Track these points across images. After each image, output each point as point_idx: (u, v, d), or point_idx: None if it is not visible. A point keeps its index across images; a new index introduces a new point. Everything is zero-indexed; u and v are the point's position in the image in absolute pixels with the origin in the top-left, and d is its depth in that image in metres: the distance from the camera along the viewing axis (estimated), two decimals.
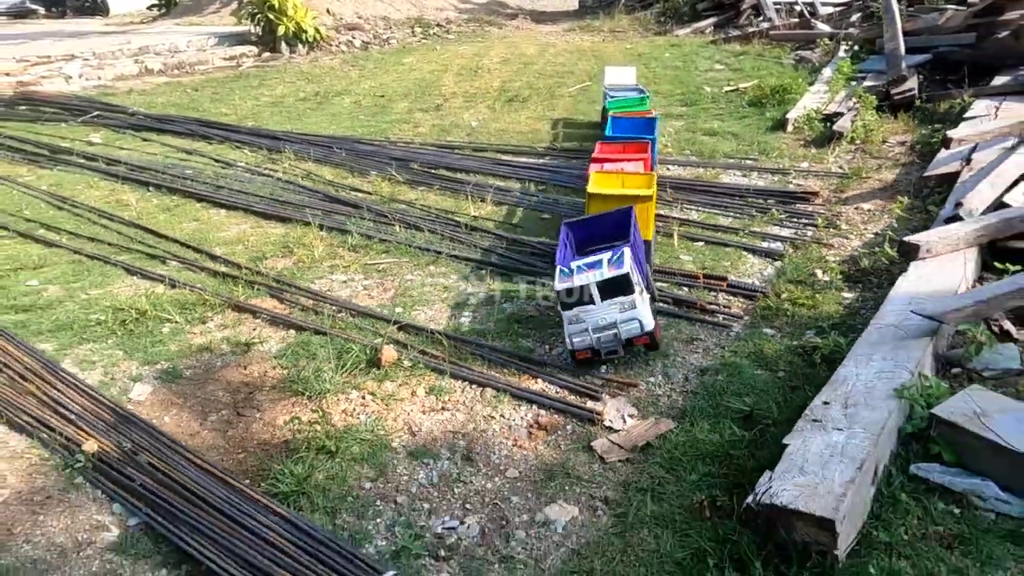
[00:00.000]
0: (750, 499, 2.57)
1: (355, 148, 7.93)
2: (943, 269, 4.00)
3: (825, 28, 11.86)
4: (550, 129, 8.57)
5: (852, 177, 6.25)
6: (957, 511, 2.66)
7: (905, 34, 8.99)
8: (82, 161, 8.01)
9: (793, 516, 2.44)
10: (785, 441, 2.79)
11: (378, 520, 3.02)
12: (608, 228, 4.34)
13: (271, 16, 13.91)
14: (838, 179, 6.29)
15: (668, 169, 6.73)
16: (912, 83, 8.12)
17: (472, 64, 12.67)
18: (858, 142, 7.14)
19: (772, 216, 5.55)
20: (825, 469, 2.59)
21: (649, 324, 3.80)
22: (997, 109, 6.80)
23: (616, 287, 3.77)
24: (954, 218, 4.55)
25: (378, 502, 3.10)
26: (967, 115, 6.84)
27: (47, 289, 5.16)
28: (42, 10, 21.41)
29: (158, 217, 6.34)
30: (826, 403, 2.99)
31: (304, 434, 3.47)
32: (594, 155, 5.44)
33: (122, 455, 3.38)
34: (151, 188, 7.04)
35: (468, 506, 3.09)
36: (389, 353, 4.01)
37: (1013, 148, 5.41)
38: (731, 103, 8.98)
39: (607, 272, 3.80)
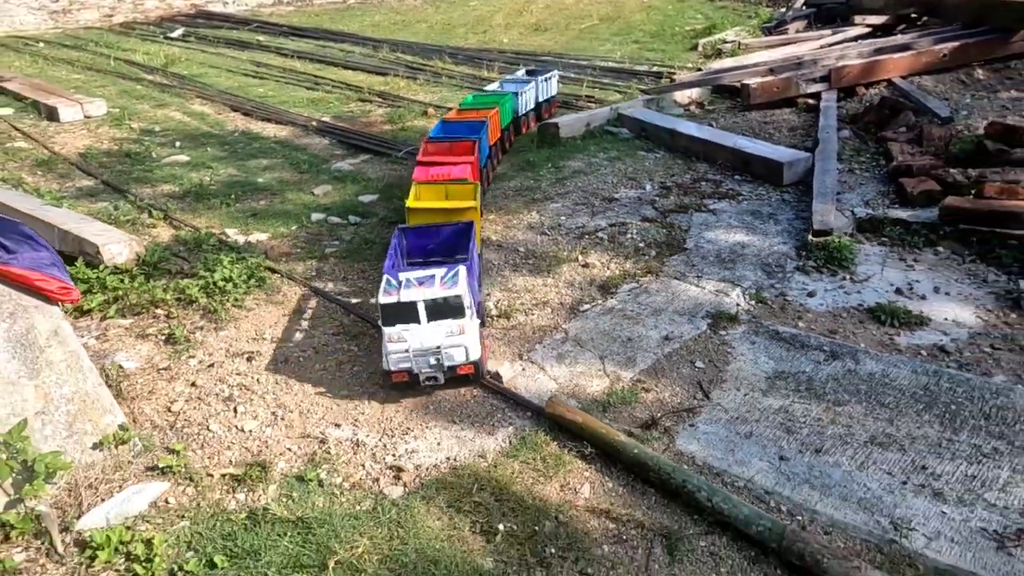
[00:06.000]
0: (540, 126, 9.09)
1: (425, 48, 14.72)
2: (681, 92, 10.29)
3: None
4: (553, 46, 15.10)
5: (702, 68, 12.50)
6: (613, 139, 9.05)
7: None
8: (259, 49, 15.14)
9: (551, 126, 8.91)
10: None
11: None
12: (445, 240, 4.49)
13: None
14: (697, 70, 12.54)
15: (603, 62, 13.14)
16: (795, 25, 14.24)
17: (521, 8, 19.34)
18: (736, 57, 13.32)
19: (641, 82, 11.91)
20: (570, 119, 9.04)
21: (476, 352, 3.97)
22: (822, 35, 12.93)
23: (446, 308, 3.87)
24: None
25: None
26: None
27: (267, 94, 12.11)
28: None
29: (315, 73, 13.27)
30: (583, 116, 9.45)
31: (415, 127, 10.16)
32: (419, 157, 6.30)
33: (328, 125, 10.15)
34: (308, 60, 14.04)
35: None
36: (431, 112, 10.67)
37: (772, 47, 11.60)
38: (682, 36, 15.28)
39: (439, 291, 3.86)
